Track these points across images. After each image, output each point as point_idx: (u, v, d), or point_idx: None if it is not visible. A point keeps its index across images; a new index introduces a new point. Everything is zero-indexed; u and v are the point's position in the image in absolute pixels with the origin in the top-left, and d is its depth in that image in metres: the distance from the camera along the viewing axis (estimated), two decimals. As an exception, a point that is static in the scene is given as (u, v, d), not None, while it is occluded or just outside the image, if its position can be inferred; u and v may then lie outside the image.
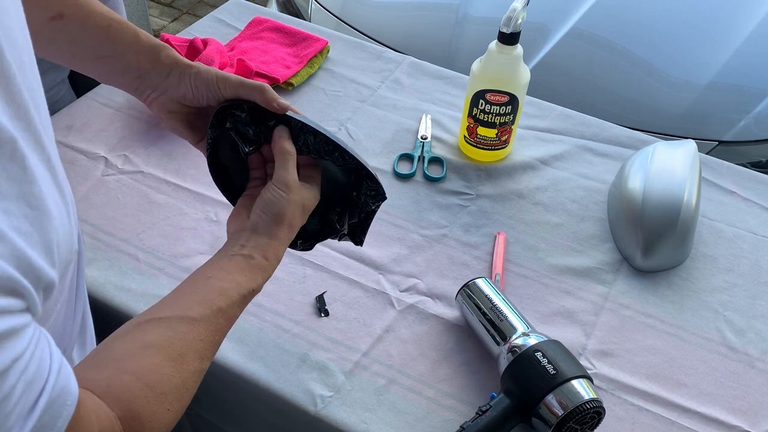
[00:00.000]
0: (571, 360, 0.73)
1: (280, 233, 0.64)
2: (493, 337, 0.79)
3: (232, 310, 0.59)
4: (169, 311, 0.55)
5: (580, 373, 0.71)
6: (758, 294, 0.93)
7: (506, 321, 0.79)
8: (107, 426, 0.46)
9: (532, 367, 0.72)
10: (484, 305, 0.82)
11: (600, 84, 1.51)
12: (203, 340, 0.55)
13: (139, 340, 0.53)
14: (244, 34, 1.32)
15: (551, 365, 0.71)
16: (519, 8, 0.93)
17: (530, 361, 0.72)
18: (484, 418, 0.70)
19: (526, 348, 0.73)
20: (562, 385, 0.69)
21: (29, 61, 0.43)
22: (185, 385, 0.53)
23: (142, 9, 2.32)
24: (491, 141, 1.07)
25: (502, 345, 0.77)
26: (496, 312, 0.80)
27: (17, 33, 0.41)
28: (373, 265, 0.94)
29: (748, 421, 0.79)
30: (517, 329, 0.78)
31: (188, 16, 3.18)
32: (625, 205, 0.97)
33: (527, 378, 0.72)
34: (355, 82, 1.25)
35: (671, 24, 1.61)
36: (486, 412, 0.71)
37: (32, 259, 0.37)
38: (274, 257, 0.63)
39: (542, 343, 0.74)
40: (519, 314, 0.81)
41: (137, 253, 0.94)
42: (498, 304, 0.81)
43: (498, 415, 0.70)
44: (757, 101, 1.48)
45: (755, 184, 1.08)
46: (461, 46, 1.57)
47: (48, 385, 0.39)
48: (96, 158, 1.07)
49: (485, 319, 0.81)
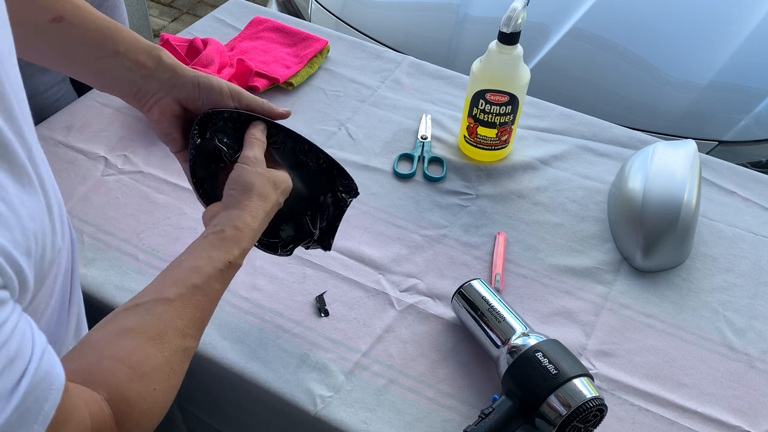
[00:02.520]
0: (571, 359, 0.73)
1: (250, 203, 0.63)
2: (491, 339, 0.79)
3: (210, 285, 0.58)
4: (144, 297, 0.56)
5: (581, 372, 0.71)
6: (758, 294, 0.93)
7: (504, 322, 0.79)
8: (97, 409, 0.46)
9: (533, 368, 0.71)
10: (481, 307, 0.82)
11: (600, 84, 1.51)
12: (183, 319, 0.55)
13: (116, 327, 0.53)
14: (244, 34, 1.32)
15: (552, 365, 0.71)
16: (519, 8, 0.93)
17: (531, 362, 0.72)
18: (487, 421, 0.70)
19: (526, 349, 0.73)
20: (564, 384, 0.69)
21: (9, 57, 0.43)
22: (169, 364, 0.53)
23: (142, 9, 2.32)
24: (491, 141, 1.07)
25: (502, 347, 0.77)
26: (493, 313, 0.80)
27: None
28: (373, 265, 0.94)
29: (748, 421, 0.79)
30: (516, 330, 0.78)
31: (188, 16, 3.18)
32: (625, 205, 0.97)
33: (529, 379, 0.71)
34: (355, 82, 1.25)
35: (671, 24, 1.61)
36: (489, 414, 0.70)
37: (4, 242, 0.37)
38: (245, 226, 0.62)
39: (542, 343, 0.74)
40: (516, 315, 0.81)
41: (137, 253, 0.94)
42: (495, 306, 0.81)
43: (501, 418, 0.70)
44: (757, 101, 1.48)
45: (755, 184, 1.08)
46: (461, 46, 1.57)
47: (31, 366, 0.38)
48: (96, 158, 1.07)
49: (483, 321, 0.81)
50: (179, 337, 0.54)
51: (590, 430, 0.71)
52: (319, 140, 1.12)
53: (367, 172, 1.08)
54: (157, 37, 1.86)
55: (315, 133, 1.14)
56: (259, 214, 0.64)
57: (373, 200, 1.03)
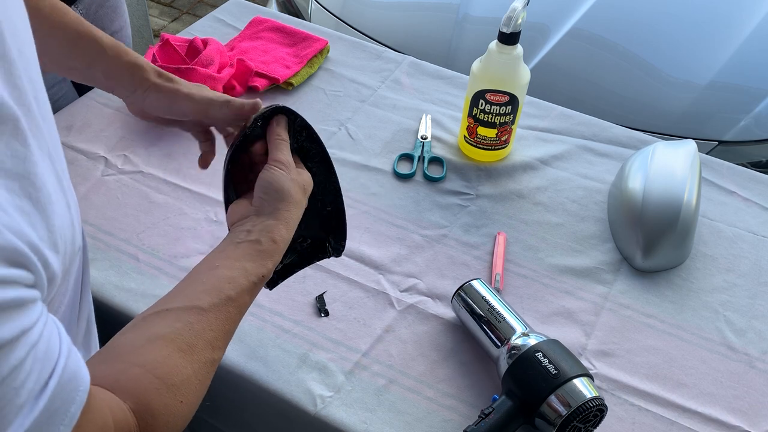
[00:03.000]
0: (571, 359, 0.73)
1: (286, 212, 0.62)
2: (491, 339, 0.79)
3: (242, 298, 0.57)
4: (176, 302, 0.54)
5: (581, 372, 0.71)
6: (758, 294, 0.93)
7: (504, 322, 0.79)
8: (121, 417, 0.45)
9: (533, 368, 0.71)
10: (480, 308, 0.81)
11: (600, 84, 1.51)
12: (213, 330, 0.54)
13: (146, 333, 0.52)
14: (244, 34, 1.32)
15: (552, 365, 0.71)
16: (519, 8, 0.93)
17: (531, 362, 0.72)
18: (487, 421, 0.70)
19: (526, 349, 0.73)
20: (564, 384, 0.69)
21: (30, 52, 0.43)
22: (197, 376, 0.52)
23: (142, 9, 2.32)
24: (491, 141, 1.07)
25: (502, 347, 0.77)
26: (493, 314, 0.80)
27: (19, 24, 0.41)
28: (373, 265, 0.94)
29: (748, 421, 0.79)
30: (516, 330, 0.78)
31: (188, 16, 3.18)
32: (625, 205, 0.97)
33: (529, 379, 0.71)
34: (355, 82, 1.25)
35: (671, 24, 1.61)
36: (489, 414, 0.70)
37: (33, 238, 0.37)
38: (282, 239, 0.61)
39: (542, 343, 0.74)
40: (516, 315, 0.81)
41: (137, 253, 0.94)
42: (495, 306, 0.81)
43: (501, 418, 0.70)
44: (757, 101, 1.48)
45: (755, 184, 1.08)
46: (461, 46, 1.57)
47: (58, 367, 0.38)
48: (96, 158, 1.07)
49: (483, 321, 0.81)
50: (208, 349, 0.53)
51: (590, 430, 0.71)
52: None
53: (367, 172, 1.08)
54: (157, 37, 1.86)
55: (315, 133, 1.14)
56: (293, 223, 0.63)
57: (373, 200, 1.03)
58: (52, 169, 0.41)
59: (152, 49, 1.21)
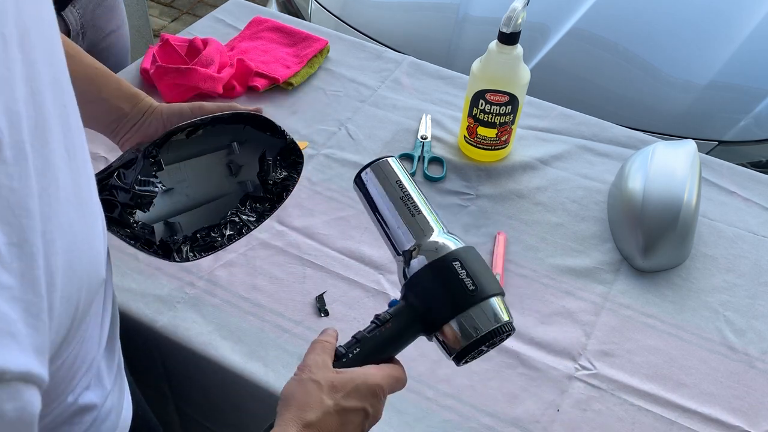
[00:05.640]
0: (488, 274, 0.61)
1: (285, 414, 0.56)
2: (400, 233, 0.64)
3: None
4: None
5: (498, 291, 0.60)
6: (758, 294, 0.93)
7: (421, 216, 0.64)
8: None
9: (447, 279, 0.59)
10: (392, 194, 0.65)
11: (600, 84, 1.51)
12: None
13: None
14: (244, 34, 1.32)
15: (470, 279, 0.58)
16: (519, 8, 0.93)
17: (446, 272, 0.59)
18: (383, 330, 0.61)
19: (442, 255, 0.60)
20: (480, 303, 0.58)
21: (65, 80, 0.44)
22: None
23: (142, 9, 2.32)
24: (491, 141, 1.06)
25: (409, 246, 0.63)
26: (408, 204, 0.64)
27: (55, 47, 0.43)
28: (373, 265, 0.94)
29: (748, 421, 0.79)
30: (434, 229, 0.63)
31: (188, 16, 3.18)
32: (625, 205, 0.97)
33: (440, 291, 0.60)
34: (355, 82, 1.25)
35: (671, 24, 1.61)
36: (386, 323, 0.61)
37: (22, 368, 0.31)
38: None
39: (461, 250, 0.61)
40: (433, 210, 0.66)
41: (137, 253, 0.93)
42: (411, 195, 0.65)
43: (399, 329, 0.61)
44: (757, 101, 1.48)
45: (755, 184, 1.08)
46: (461, 46, 1.57)
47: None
48: (96, 158, 1.07)
49: (395, 210, 0.64)
50: None
51: (486, 351, 0.61)
52: (319, 140, 1.12)
53: (367, 172, 1.08)
54: (157, 37, 1.86)
55: (315, 133, 1.14)
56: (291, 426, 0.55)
57: (373, 200, 1.03)
58: (74, 188, 0.39)
59: (152, 49, 1.21)
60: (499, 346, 0.84)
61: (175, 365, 0.91)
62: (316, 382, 0.56)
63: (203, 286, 0.90)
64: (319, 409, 0.55)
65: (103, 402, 0.56)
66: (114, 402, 0.59)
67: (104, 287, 0.55)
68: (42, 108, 0.37)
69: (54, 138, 0.38)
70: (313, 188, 1.04)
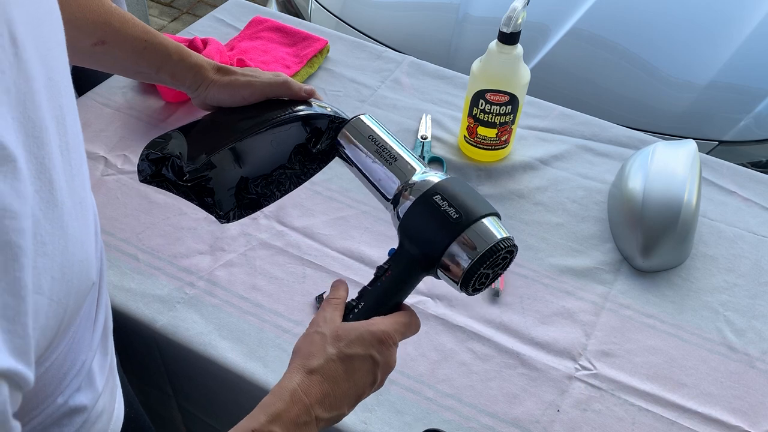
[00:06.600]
0: (474, 199, 0.60)
1: (292, 365, 0.57)
2: (385, 183, 0.65)
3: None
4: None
5: (487, 211, 0.59)
6: (758, 294, 0.93)
7: (400, 160, 0.64)
8: None
9: (431, 213, 0.59)
10: (368, 149, 0.66)
11: (600, 84, 1.51)
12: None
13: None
14: (243, 34, 1.32)
15: (453, 208, 0.58)
16: (519, 8, 0.93)
17: (427, 208, 0.60)
18: (384, 280, 0.62)
19: (421, 192, 0.60)
20: (467, 228, 0.58)
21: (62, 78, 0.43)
22: None
23: (142, 9, 2.32)
24: (491, 141, 1.06)
25: (395, 191, 0.64)
26: (383, 154, 0.65)
27: (56, 51, 0.42)
28: (373, 265, 0.93)
29: (748, 421, 0.79)
30: (415, 170, 0.63)
31: (188, 15, 3.18)
32: (625, 205, 0.97)
33: (427, 226, 0.60)
34: (355, 82, 1.25)
35: (671, 24, 1.61)
36: (387, 271, 0.62)
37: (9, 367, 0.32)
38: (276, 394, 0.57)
39: (441, 183, 0.61)
40: (412, 152, 0.66)
41: (137, 253, 0.94)
42: (386, 144, 0.66)
43: (399, 274, 0.62)
44: (757, 101, 1.48)
45: (755, 184, 1.08)
46: (461, 46, 1.57)
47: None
48: (96, 158, 1.07)
49: (375, 163, 0.65)
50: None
51: (500, 273, 0.62)
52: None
53: (367, 172, 1.08)
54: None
55: (315, 133, 1.14)
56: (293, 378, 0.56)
57: (373, 200, 1.03)
58: (69, 193, 0.39)
59: (152, 48, 1.21)
60: (499, 346, 0.85)
61: (175, 365, 0.91)
62: (321, 334, 0.58)
63: (203, 286, 0.90)
64: (322, 357, 0.56)
65: (93, 404, 0.56)
66: (105, 404, 0.59)
67: (97, 290, 0.55)
68: (37, 109, 0.37)
69: (49, 140, 0.38)
70: (313, 188, 1.03)
